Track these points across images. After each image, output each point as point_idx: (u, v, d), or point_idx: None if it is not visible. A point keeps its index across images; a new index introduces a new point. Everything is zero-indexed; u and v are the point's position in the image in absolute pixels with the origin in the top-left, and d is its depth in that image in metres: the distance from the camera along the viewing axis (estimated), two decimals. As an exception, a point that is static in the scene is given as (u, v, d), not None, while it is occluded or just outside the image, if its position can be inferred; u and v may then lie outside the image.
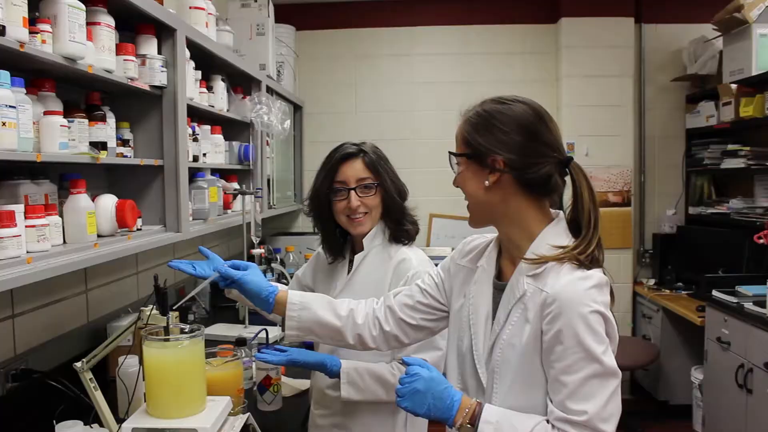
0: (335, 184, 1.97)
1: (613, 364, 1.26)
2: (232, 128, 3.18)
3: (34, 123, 1.56)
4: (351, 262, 2.05)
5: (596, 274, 1.30)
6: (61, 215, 1.73)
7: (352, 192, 1.95)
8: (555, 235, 1.37)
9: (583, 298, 1.25)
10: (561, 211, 1.43)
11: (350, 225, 1.99)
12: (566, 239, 1.36)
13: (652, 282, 4.93)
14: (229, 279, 1.67)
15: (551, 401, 1.28)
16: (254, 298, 1.68)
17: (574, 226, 1.39)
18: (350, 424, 1.97)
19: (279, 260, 3.87)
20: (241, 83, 3.24)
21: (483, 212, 1.43)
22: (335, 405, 1.97)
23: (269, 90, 3.64)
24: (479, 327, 1.44)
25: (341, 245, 2.08)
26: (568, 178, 1.42)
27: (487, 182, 1.37)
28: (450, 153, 1.46)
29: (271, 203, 3.84)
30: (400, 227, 2.00)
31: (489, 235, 1.55)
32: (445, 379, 1.40)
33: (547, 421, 1.27)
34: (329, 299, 1.72)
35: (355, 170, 1.96)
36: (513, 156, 1.35)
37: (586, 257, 1.31)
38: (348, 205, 1.95)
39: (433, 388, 1.35)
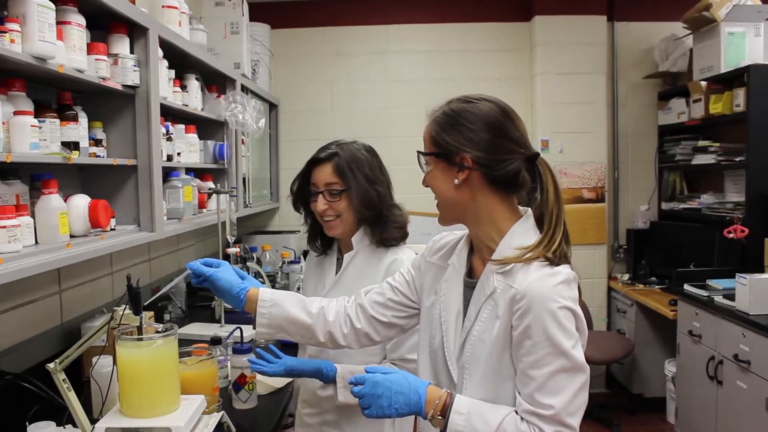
0: (309, 186, 1.99)
1: (581, 360, 1.28)
2: (207, 127, 3.17)
3: (3, 123, 1.56)
4: (340, 261, 2.06)
5: (564, 270, 1.32)
6: (32, 216, 1.72)
7: (320, 196, 1.95)
8: (522, 233, 1.39)
9: (552, 294, 1.27)
10: (529, 209, 1.44)
11: (324, 226, 2.00)
12: (534, 236, 1.38)
13: (626, 277, 5.00)
14: (201, 276, 1.68)
15: (519, 393, 1.30)
16: (225, 295, 1.68)
17: (541, 222, 1.41)
18: (340, 422, 1.97)
19: (255, 259, 3.87)
20: (216, 82, 3.23)
21: (453, 210, 1.44)
22: (324, 404, 1.97)
23: (244, 89, 3.63)
24: (450, 324, 1.46)
25: (327, 241, 2.09)
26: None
27: (456, 180, 1.39)
28: (418, 152, 1.47)
29: (247, 202, 3.84)
30: (382, 233, 1.97)
31: (459, 232, 1.56)
32: (406, 374, 1.41)
33: (516, 413, 1.30)
34: (300, 297, 1.72)
35: (323, 174, 1.95)
36: (481, 153, 1.37)
37: (553, 253, 1.33)
38: (316, 207, 1.96)
39: (392, 388, 1.36)
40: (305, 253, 4.41)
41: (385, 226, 1.97)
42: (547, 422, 1.26)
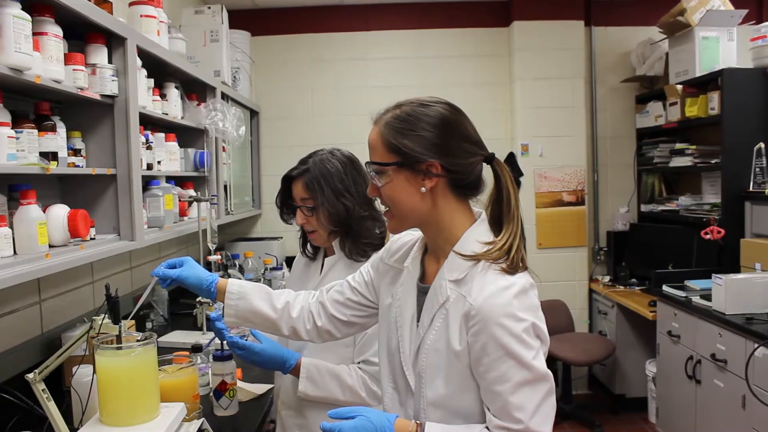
0: (290, 200, 2.03)
1: (543, 369, 1.26)
2: (188, 135, 3.17)
3: (-20, 135, 1.56)
4: (324, 264, 2.08)
5: (519, 280, 1.28)
6: (11, 226, 1.72)
7: (299, 210, 1.99)
8: (479, 235, 1.36)
9: (506, 309, 1.24)
10: (483, 211, 1.42)
11: (308, 237, 2.05)
12: (489, 238, 1.35)
13: (607, 279, 5.06)
14: (168, 279, 1.69)
15: (488, 409, 1.29)
16: (197, 289, 1.70)
17: (496, 225, 1.38)
18: (314, 425, 1.98)
19: (237, 266, 3.88)
20: (196, 90, 3.23)
21: (413, 219, 1.39)
22: (303, 406, 1.98)
23: (224, 96, 3.64)
24: (405, 329, 1.44)
25: (316, 246, 2.11)
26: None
27: (423, 189, 1.33)
28: (376, 163, 1.39)
29: (229, 209, 3.84)
30: (351, 246, 1.97)
31: (417, 232, 1.51)
32: (369, 414, 1.33)
33: (488, 428, 1.28)
34: (268, 290, 1.73)
35: (297, 190, 1.99)
36: (449, 159, 1.32)
37: (510, 259, 1.30)
38: (297, 220, 2.01)
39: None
40: (288, 260, 4.42)
41: (355, 240, 1.96)
42: None
